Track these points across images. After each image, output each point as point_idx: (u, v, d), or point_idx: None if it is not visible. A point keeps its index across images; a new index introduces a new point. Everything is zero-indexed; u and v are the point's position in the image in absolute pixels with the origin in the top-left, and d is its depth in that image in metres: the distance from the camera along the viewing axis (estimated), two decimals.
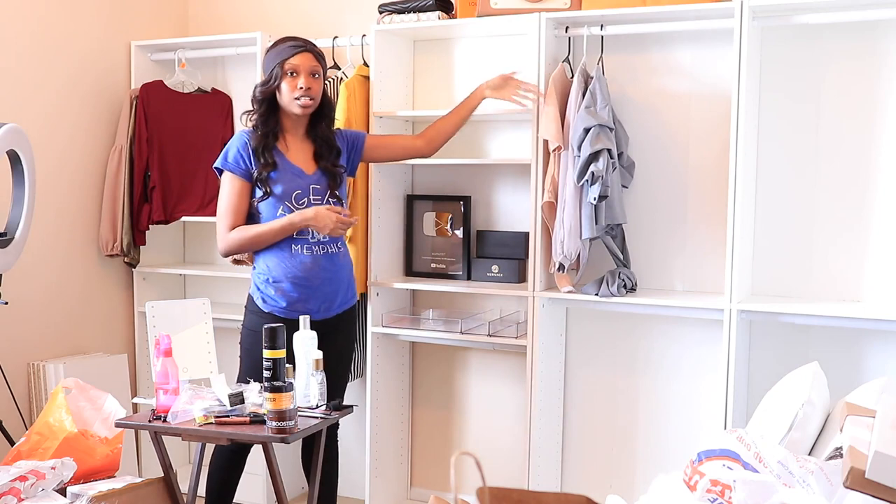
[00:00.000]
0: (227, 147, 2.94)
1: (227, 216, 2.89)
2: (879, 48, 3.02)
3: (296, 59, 2.87)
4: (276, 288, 2.91)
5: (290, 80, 2.87)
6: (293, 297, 2.91)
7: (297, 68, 2.87)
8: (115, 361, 3.83)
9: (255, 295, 2.96)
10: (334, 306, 2.98)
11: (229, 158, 2.89)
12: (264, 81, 2.91)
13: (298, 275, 2.90)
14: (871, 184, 3.06)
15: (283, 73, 2.86)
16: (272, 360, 2.59)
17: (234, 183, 2.89)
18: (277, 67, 2.87)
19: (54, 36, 3.67)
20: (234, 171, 2.88)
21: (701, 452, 1.75)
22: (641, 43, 3.32)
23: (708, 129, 3.25)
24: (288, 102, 2.89)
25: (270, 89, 2.89)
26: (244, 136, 2.92)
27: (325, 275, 2.93)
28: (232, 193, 2.89)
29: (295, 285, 2.90)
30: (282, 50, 2.90)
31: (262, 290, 2.94)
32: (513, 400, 3.61)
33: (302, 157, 2.96)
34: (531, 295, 3.26)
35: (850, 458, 1.57)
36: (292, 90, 2.87)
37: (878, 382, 2.25)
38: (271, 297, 2.92)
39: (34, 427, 2.84)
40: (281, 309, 2.92)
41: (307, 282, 2.91)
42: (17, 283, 3.43)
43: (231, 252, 2.94)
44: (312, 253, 2.90)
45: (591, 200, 3.05)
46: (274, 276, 2.90)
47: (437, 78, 3.69)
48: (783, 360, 3.05)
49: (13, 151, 3.08)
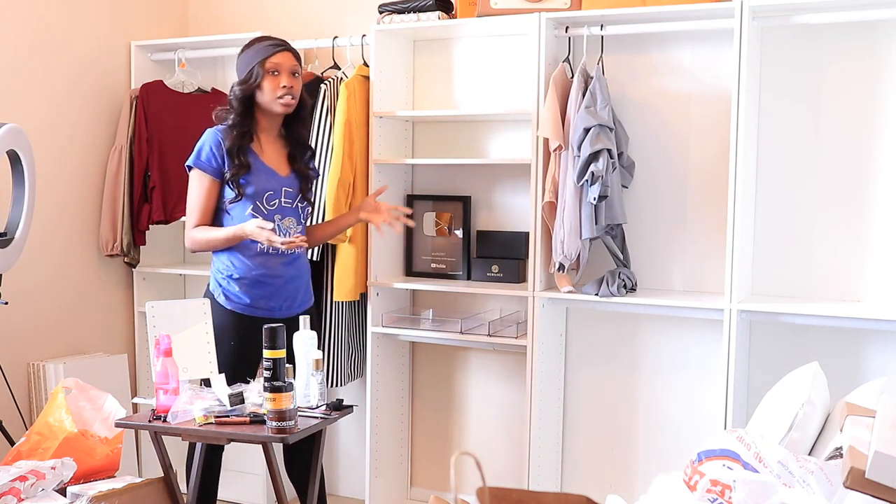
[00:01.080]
0: (199, 145, 2.93)
1: (194, 214, 2.92)
2: (879, 48, 3.02)
3: (277, 58, 2.88)
4: (241, 284, 2.92)
5: (272, 79, 2.87)
6: (257, 293, 2.93)
7: (278, 67, 2.87)
8: (115, 361, 3.83)
9: (215, 292, 2.96)
10: (295, 305, 3.01)
11: (202, 157, 2.90)
12: (244, 80, 2.89)
13: (263, 272, 2.92)
14: (871, 184, 3.06)
15: (265, 72, 2.86)
16: (272, 360, 2.59)
17: (204, 181, 2.90)
18: (258, 66, 2.87)
19: (54, 36, 3.67)
20: (206, 169, 2.89)
21: (701, 452, 1.75)
22: (641, 43, 3.32)
23: (708, 129, 3.25)
24: (269, 101, 2.89)
25: (251, 88, 2.88)
26: (217, 135, 2.91)
27: (288, 273, 2.97)
28: (201, 192, 2.91)
29: (259, 283, 2.92)
30: (261, 49, 2.90)
31: (225, 286, 2.94)
32: (513, 400, 3.61)
33: (275, 158, 2.97)
34: (531, 295, 3.26)
35: (850, 458, 1.57)
36: (274, 89, 2.87)
37: (878, 382, 2.25)
38: (235, 293, 2.92)
39: (34, 427, 2.84)
40: (245, 306, 2.93)
41: (271, 279, 2.94)
42: (18, 283, 3.43)
43: (193, 249, 2.99)
44: (278, 252, 2.93)
45: (591, 200, 3.05)
46: (239, 273, 2.92)
47: (437, 78, 3.69)
48: (783, 360, 3.05)
49: (13, 151, 3.08)
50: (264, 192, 2.90)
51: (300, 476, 2.95)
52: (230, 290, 2.93)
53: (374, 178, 3.49)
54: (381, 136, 3.53)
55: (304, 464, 2.88)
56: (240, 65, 2.95)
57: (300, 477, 2.95)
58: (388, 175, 3.56)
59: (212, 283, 2.99)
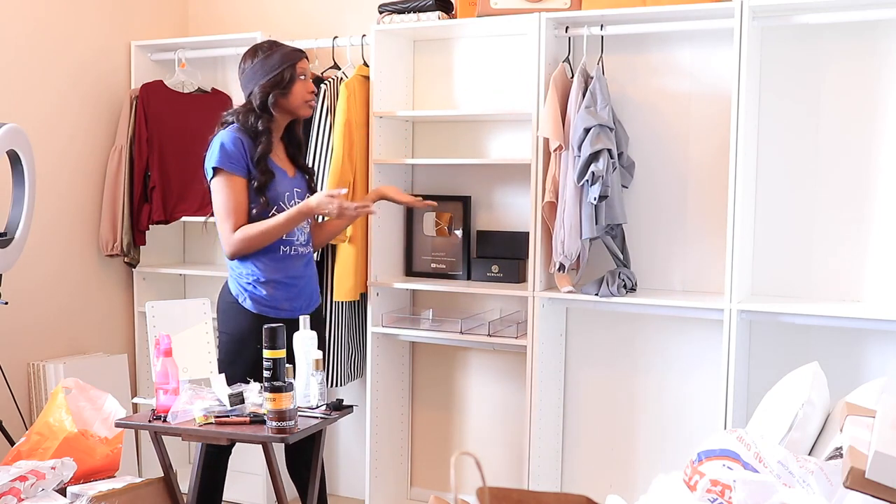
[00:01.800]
0: (219, 147, 2.85)
1: (232, 216, 2.84)
2: (879, 48, 3.02)
3: (303, 64, 2.94)
4: (268, 287, 2.90)
5: (302, 84, 2.92)
6: (283, 295, 2.94)
7: (305, 71, 2.94)
8: (115, 361, 3.83)
9: (240, 297, 2.91)
10: (311, 303, 3.06)
11: (229, 158, 2.83)
12: (275, 83, 2.86)
13: (291, 274, 2.94)
14: (871, 184, 3.06)
15: (296, 76, 2.90)
16: (272, 360, 2.59)
17: (235, 182, 2.84)
18: (290, 70, 2.89)
19: (54, 36, 3.67)
20: (235, 171, 2.84)
21: (701, 452, 1.75)
22: (641, 43, 3.32)
23: (708, 129, 3.25)
24: (298, 105, 2.92)
25: (286, 93, 2.89)
26: (237, 137, 2.86)
27: (308, 273, 3.03)
28: (234, 193, 2.84)
29: (285, 284, 2.93)
30: (288, 53, 2.92)
31: (251, 290, 2.90)
32: (513, 400, 3.61)
33: (282, 160, 3.00)
34: (531, 295, 3.26)
35: (850, 458, 1.57)
36: (305, 92, 2.92)
37: (878, 382, 2.25)
38: (263, 296, 2.90)
39: (34, 427, 2.84)
40: (273, 308, 2.92)
41: (297, 280, 2.96)
42: (18, 283, 3.43)
43: (241, 253, 2.86)
44: (298, 254, 2.97)
45: (592, 200, 3.05)
46: (266, 276, 2.90)
47: (437, 78, 3.69)
48: (783, 360, 3.05)
49: (13, 151, 3.08)
50: (284, 193, 2.92)
51: (302, 476, 2.95)
52: (258, 293, 2.90)
53: (374, 178, 3.49)
54: (381, 136, 3.53)
55: (306, 464, 2.88)
56: (265, 68, 2.89)
57: (302, 477, 2.95)
58: (388, 175, 3.56)
59: (234, 288, 2.92)
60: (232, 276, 2.95)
